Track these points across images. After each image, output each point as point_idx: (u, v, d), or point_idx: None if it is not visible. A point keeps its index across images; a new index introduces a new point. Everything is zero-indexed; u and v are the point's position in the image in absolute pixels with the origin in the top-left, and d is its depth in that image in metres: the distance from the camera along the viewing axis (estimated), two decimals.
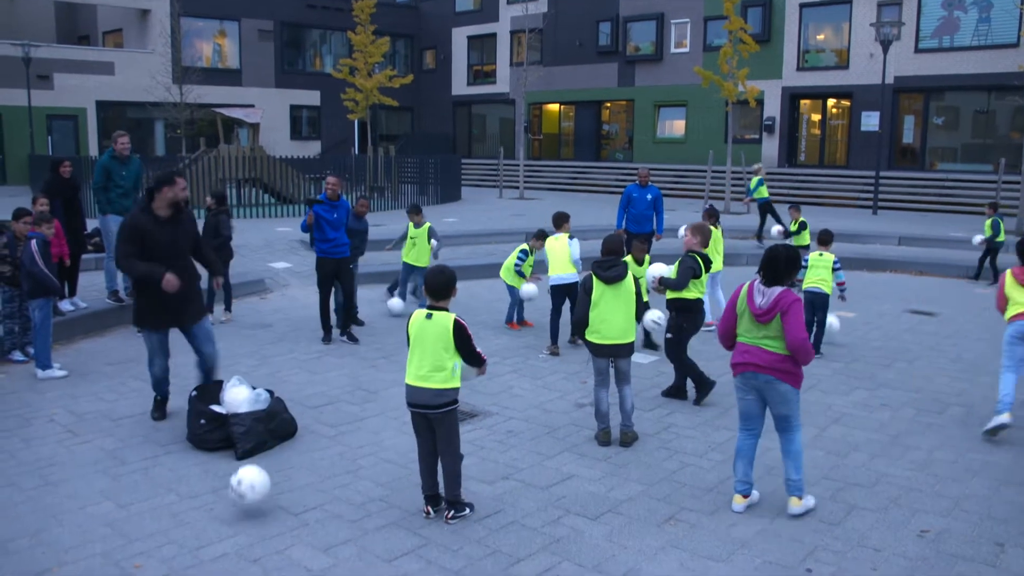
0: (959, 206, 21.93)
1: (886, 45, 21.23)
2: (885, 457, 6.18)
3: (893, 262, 15.43)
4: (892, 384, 8.06)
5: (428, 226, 10.89)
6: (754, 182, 17.24)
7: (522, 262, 10.17)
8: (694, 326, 7.58)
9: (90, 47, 33.64)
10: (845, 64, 26.53)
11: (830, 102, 27.86)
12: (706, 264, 7.52)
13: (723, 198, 22.95)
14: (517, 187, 27.70)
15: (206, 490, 5.46)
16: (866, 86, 25.57)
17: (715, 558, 4.66)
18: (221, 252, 10.23)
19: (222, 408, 6.26)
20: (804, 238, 13.02)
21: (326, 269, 9.23)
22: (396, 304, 10.74)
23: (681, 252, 7.72)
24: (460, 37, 37.87)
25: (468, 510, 5.14)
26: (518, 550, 4.72)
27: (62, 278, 9.24)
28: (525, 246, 10.34)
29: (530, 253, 10.30)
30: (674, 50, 30.40)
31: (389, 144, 30.26)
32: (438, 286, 5.01)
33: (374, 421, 6.84)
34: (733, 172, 23.34)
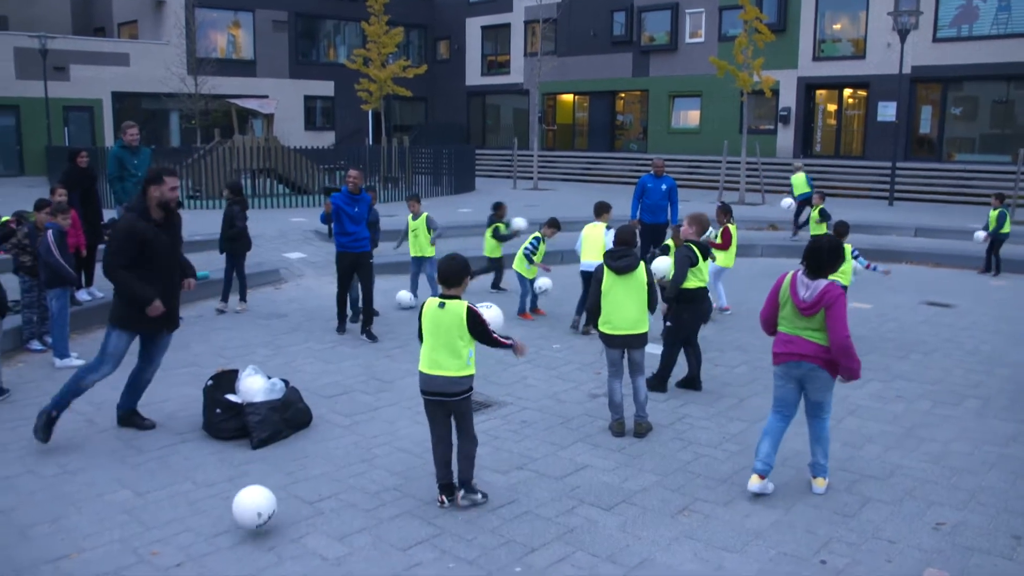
0: (976, 197, 21.75)
1: (903, 34, 21.03)
2: (900, 449, 6.15)
3: (909, 253, 15.32)
4: (907, 376, 8.02)
5: (425, 216, 10.91)
6: (803, 179, 16.99)
7: (533, 248, 10.16)
8: (695, 316, 7.50)
9: (105, 39, 33.81)
10: (862, 54, 26.32)
11: (846, 92, 27.66)
12: (703, 254, 7.49)
13: (738, 189, 22.85)
14: (531, 177, 27.67)
15: (222, 479, 5.50)
16: (883, 76, 25.36)
17: (729, 549, 4.66)
18: (237, 243, 10.27)
19: (237, 397, 6.30)
20: (821, 229, 12.94)
21: (345, 263, 9.08)
22: (405, 297, 10.72)
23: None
24: (474, 27, 37.80)
25: (481, 496, 5.15)
26: (532, 540, 4.74)
27: (79, 268, 9.32)
28: (538, 233, 10.35)
29: (542, 241, 10.31)
30: (689, 40, 30.25)
31: (403, 134, 30.27)
32: (449, 273, 5.00)
33: (389, 411, 6.86)
34: (748, 163, 23.22)
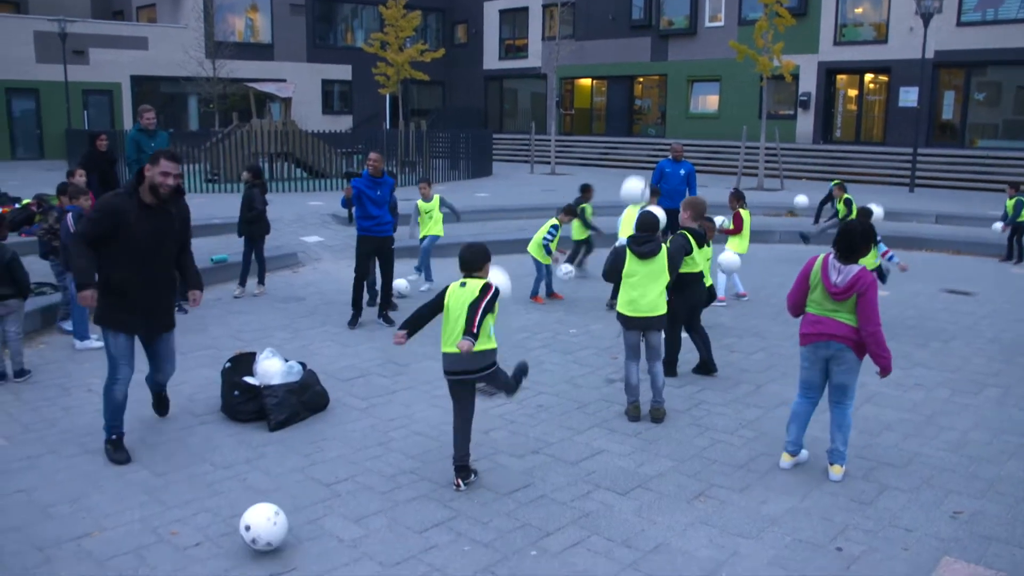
0: (999, 184, 21.47)
1: (927, 18, 20.75)
2: (918, 437, 6.12)
3: (930, 241, 15.17)
4: (927, 364, 7.96)
5: (439, 197, 10.95)
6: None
7: (552, 237, 10.17)
8: (687, 301, 7.39)
9: (124, 22, 33.93)
10: (884, 38, 26.00)
11: (867, 77, 27.35)
12: (698, 240, 7.44)
13: (756, 175, 22.68)
14: (548, 162, 27.58)
15: (239, 460, 5.55)
16: (905, 61, 25.06)
17: (745, 535, 4.65)
18: (255, 226, 10.29)
19: (255, 380, 6.34)
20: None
21: (366, 248, 8.93)
22: (402, 285, 10.42)
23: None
24: (492, 11, 37.62)
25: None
26: (547, 523, 4.75)
27: None
28: (555, 221, 10.33)
29: (559, 228, 10.30)
30: (708, 24, 29.98)
31: (420, 119, 30.25)
32: (468, 258, 5.14)
33: (405, 394, 6.89)
34: (767, 148, 23.04)
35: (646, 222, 6.41)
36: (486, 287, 5.04)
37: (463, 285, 5.09)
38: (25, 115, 29.83)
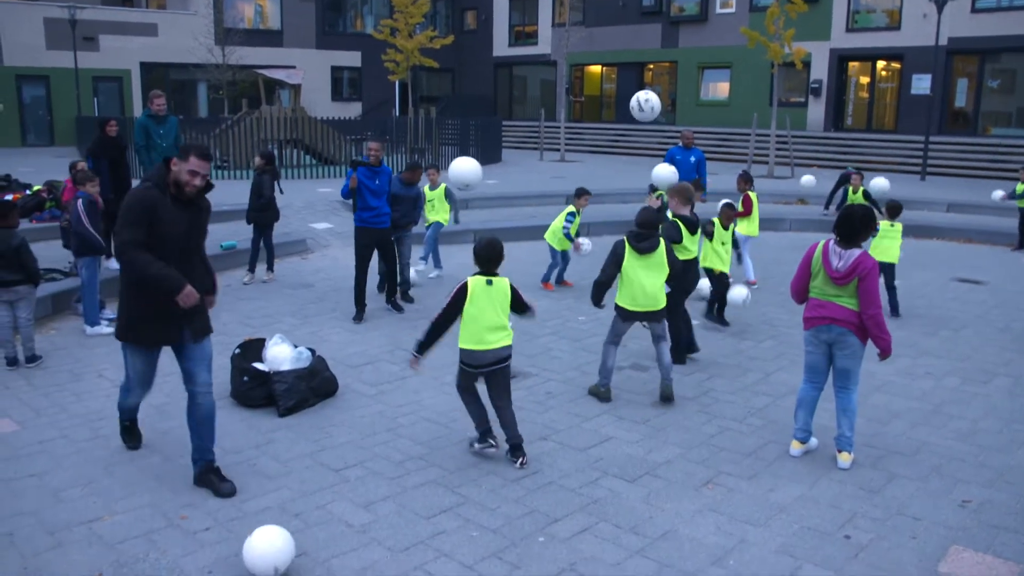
0: (1011, 172, 21.31)
1: (940, 5, 20.55)
2: (927, 426, 6.10)
3: (941, 229, 15.09)
4: (936, 353, 7.93)
5: (444, 187, 10.91)
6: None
7: (570, 224, 10.12)
8: (680, 287, 7.32)
9: (134, 9, 33.89)
10: (896, 25, 25.79)
11: (879, 64, 27.14)
12: (690, 228, 7.46)
13: (767, 162, 22.58)
14: (558, 149, 27.51)
15: (249, 445, 5.58)
16: (918, 48, 24.85)
17: (753, 522, 4.66)
18: (264, 213, 10.31)
19: (265, 366, 6.36)
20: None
21: (365, 240, 8.63)
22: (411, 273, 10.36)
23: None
24: None
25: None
26: (556, 510, 4.77)
27: (108, 237, 9.41)
28: (572, 208, 10.26)
29: (577, 214, 10.26)
30: (719, 10, 29.79)
31: (430, 105, 30.23)
32: (491, 255, 5.27)
33: (414, 380, 6.90)
34: (778, 136, 22.92)
35: (646, 219, 6.42)
36: (516, 290, 5.35)
37: (489, 283, 5.24)
38: (35, 102, 29.92)
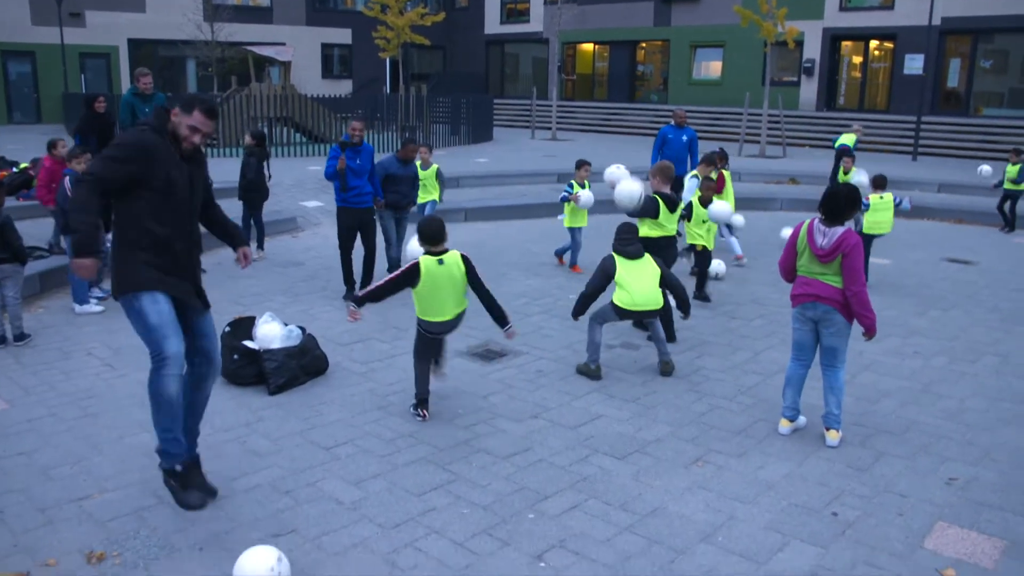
0: (1002, 153, 21.33)
1: None
2: (916, 405, 6.14)
3: (932, 209, 15.12)
4: (925, 332, 7.97)
5: (436, 168, 10.81)
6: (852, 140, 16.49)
7: (568, 195, 9.93)
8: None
9: None
10: (890, 4, 25.67)
11: (872, 44, 27.07)
12: (670, 205, 7.51)
13: (759, 142, 22.55)
14: (549, 128, 27.40)
15: (239, 423, 5.58)
16: (911, 27, 24.76)
17: (741, 499, 4.69)
18: (253, 192, 10.21)
19: (255, 344, 6.35)
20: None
21: (348, 220, 8.54)
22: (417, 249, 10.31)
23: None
24: None
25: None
26: (546, 487, 4.78)
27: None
28: (572, 181, 10.13)
29: (577, 184, 10.02)
30: None
31: (421, 83, 30.03)
32: (432, 233, 5.50)
33: (404, 359, 6.88)
34: (770, 115, 22.87)
35: (627, 227, 6.60)
36: (468, 261, 5.57)
37: (441, 263, 5.48)
38: (21, 78, 29.57)
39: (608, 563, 4.04)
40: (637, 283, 6.40)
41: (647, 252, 6.68)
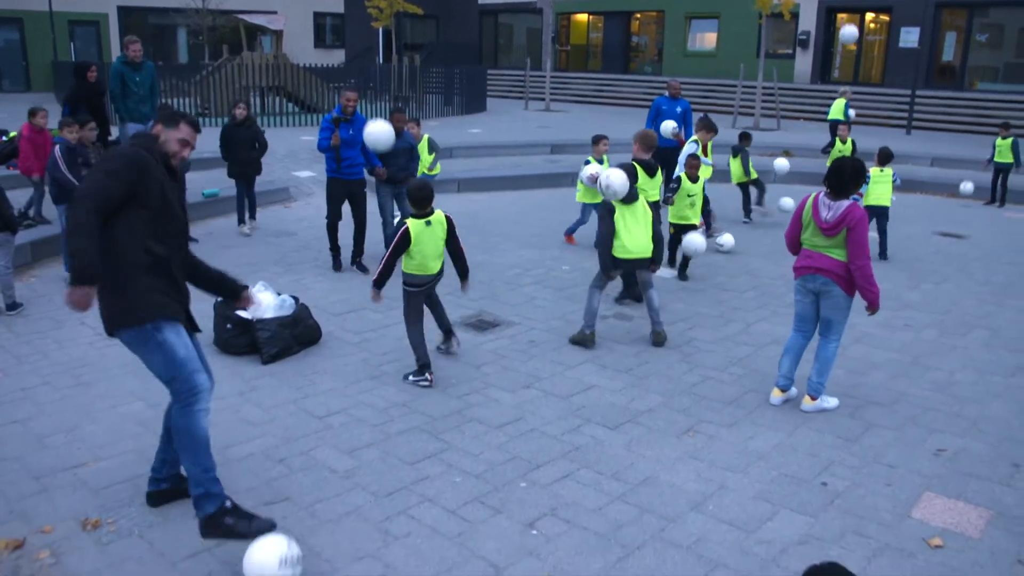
0: (996, 127, 21.30)
1: None
2: (906, 377, 6.19)
3: (924, 183, 15.13)
4: (916, 306, 8.01)
5: (427, 137, 10.47)
6: (841, 106, 16.43)
7: (588, 174, 9.66)
8: None
9: None
10: None
11: (868, 16, 26.91)
12: (649, 171, 7.56)
13: (753, 114, 22.47)
14: (543, 99, 27.25)
15: (233, 392, 5.59)
16: (907, 0, 24.62)
17: (732, 469, 4.73)
18: (243, 167, 9.96)
19: (248, 313, 6.33)
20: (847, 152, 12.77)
21: (337, 191, 8.51)
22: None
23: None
24: None
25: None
26: (538, 456, 4.82)
27: None
28: (589, 158, 9.71)
29: (594, 159, 9.57)
30: None
31: (414, 53, 29.70)
32: (421, 197, 5.70)
33: (397, 328, 6.88)
34: (764, 88, 22.77)
35: (623, 168, 6.63)
36: (451, 222, 5.91)
37: (428, 224, 5.72)
38: (9, 46, 29.19)
39: (600, 531, 4.08)
40: (633, 228, 6.47)
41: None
